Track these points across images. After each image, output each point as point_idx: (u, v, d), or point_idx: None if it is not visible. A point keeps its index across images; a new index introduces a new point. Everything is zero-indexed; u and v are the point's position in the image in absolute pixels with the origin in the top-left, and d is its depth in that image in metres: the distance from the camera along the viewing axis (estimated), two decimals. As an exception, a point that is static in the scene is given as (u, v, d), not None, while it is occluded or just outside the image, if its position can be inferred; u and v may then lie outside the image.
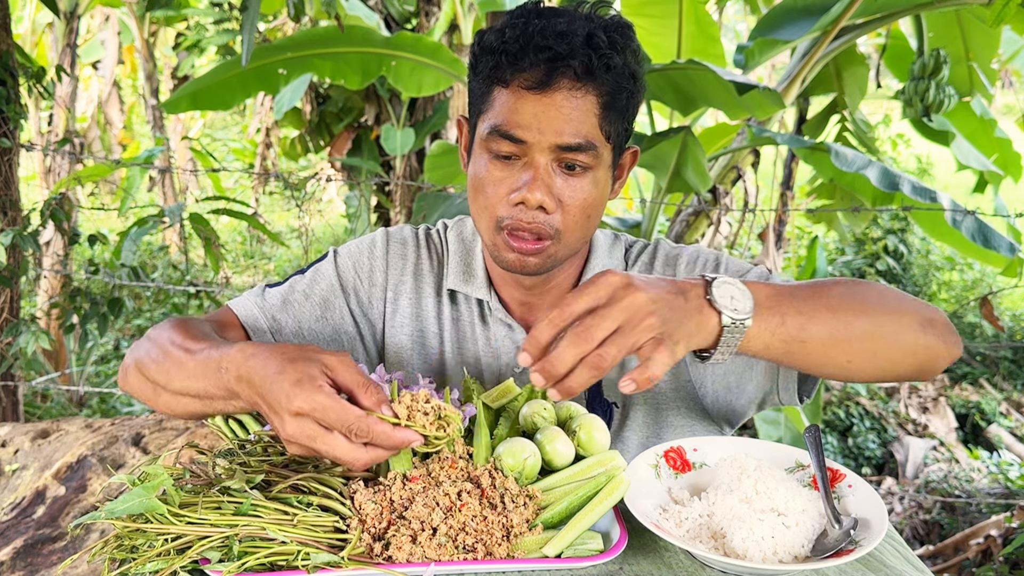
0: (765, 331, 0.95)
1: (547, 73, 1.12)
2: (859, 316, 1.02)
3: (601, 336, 0.85)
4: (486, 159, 1.19)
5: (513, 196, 1.16)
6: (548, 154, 1.15)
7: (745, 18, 11.77)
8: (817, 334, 0.98)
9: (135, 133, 10.69)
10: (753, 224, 6.29)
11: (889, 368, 1.05)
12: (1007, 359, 6.79)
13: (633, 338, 0.86)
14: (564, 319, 0.87)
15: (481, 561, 0.91)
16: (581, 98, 1.14)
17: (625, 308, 0.86)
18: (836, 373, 1.04)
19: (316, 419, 0.89)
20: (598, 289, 0.88)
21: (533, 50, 1.12)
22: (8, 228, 3.09)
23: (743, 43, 4.29)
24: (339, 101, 6.54)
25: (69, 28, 5.97)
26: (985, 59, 4.25)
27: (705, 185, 3.64)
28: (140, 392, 1.17)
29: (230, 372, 0.98)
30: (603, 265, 1.33)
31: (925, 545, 4.04)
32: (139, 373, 1.15)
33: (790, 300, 0.98)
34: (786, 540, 0.95)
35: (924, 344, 1.05)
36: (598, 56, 1.12)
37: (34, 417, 4.79)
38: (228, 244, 9.64)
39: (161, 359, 1.11)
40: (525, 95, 1.14)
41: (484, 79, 1.18)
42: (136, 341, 1.23)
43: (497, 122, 1.16)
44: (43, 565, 2.08)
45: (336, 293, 1.35)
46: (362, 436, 0.89)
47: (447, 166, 4.32)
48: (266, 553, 0.88)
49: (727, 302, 0.93)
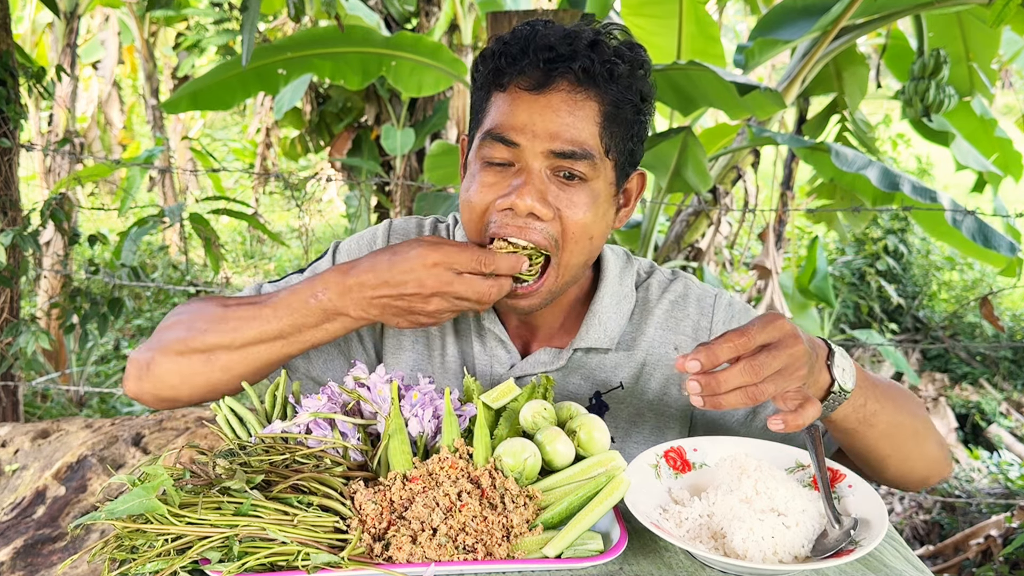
0: (851, 406, 1.08)
1: (545, 73, 1.10)
2: (911, 420, 1.16)
3: (767, 374, 0.94)
4: (478, 168, 1.15)
5: (500, 202, 1.12)
6: (542, 160, 1.11)
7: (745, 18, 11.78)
8: (882, 424, 1.12)
9: (135, 133, 10.69)
10: (753, 224, 6.29)
11: (908, 471, 1.20)
12: (1007, 359, 6.79)
13: (788, 383, 0.96)
14: (746, 348, 0.94)
15: (481, 561, 0.91)
16: (580, 103, 1.10)
17: (791, 355, 0.95)
18: (871, 459, 1.17)
19: (448, 265, 1.07)
20: (774, 331, 0.96)
21: (534, 50, 1.10)
22: (8, 228, 3.09)
23: (743, 43, 4.30)
24: (339, 101, 6.54)
25: (69, 28, 5.97)
26: (985, 59, 4.25)
27: (705, 185, 3.65)
28: (175, 374, 1.19)
29: (330, 291, 1.12)
30: (613, 295, 1.28)
31: (925, 545, 4.04)
32: (174, 356, 1.19)
33: (873, 388, 1.11)
34: (786, 540, 0.95)
35: (938, 457, 1.22)
36: (601, 61, 1.10)
37: (34, 417, 4.79)
38: (228, 244, 9.64)
39: (217, 323, 1.17)
40: (521, 96, 1.11)
41: (483, 87, 1.16)
42: (144, 343, 1.25)
43: (492, 125, 1.13)
44: (43, 565, 2.08)
45: None
46: (489, 266, 1.08)
47: (447, 166, 4.32)
48: (266, 553, 0.88)
49: (840, 373, 1.04)
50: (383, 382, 1.09)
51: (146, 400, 1.24)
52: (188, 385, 1.18)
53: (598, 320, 1.27)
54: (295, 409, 1.11)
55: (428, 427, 1.06)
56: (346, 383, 1.12)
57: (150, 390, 1.22)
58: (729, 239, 4.52)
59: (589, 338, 1.27)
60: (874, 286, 7.36)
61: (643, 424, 1.29)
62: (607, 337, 1.27)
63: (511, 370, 1.28)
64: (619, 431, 1.29)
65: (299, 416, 1.06)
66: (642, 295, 1.32)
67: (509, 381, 1.11)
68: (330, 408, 1.08)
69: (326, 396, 1.09)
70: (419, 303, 1.10)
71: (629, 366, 1.29)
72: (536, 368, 1.28)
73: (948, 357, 6.94)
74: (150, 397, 1.23)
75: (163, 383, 1.21)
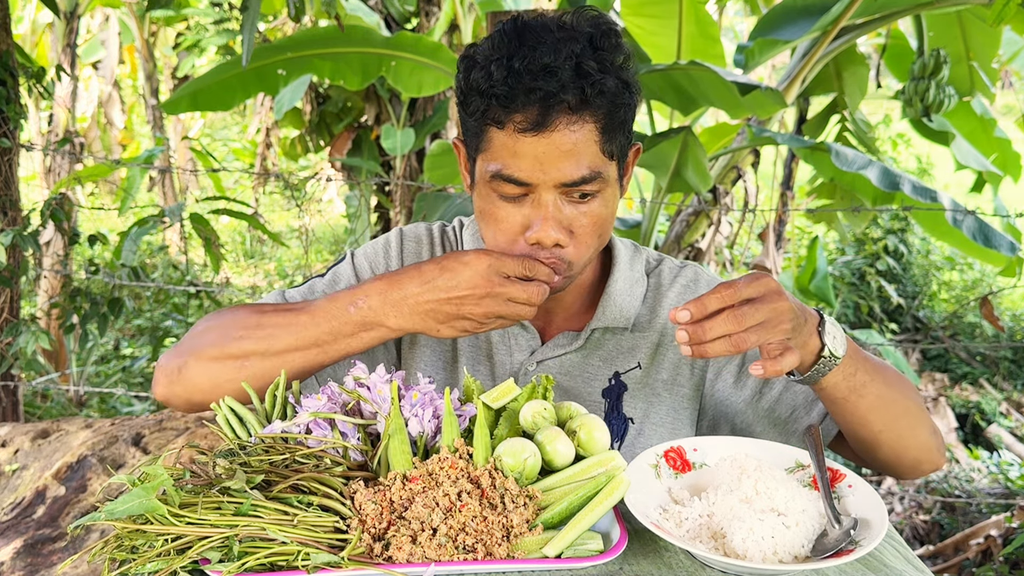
0: (841, 374, 1.12)
1: (541, 113, 1.09)
2: (902, 398, 1.20)
3: (749, 324, 1.00)
4: (494, 197, 1.18)
5: (529, 235, 1.16)
6: (554, 191, 1.14)
7: (745, 18, 11.78)
8: (872, 395, 1.16)
9: (135, 133, 10.69)
10: (753, 224, 6.29)
11: (901, 451, 1.23)
12: (1007, 359, 6.79)
13: (770, 335, 1.02)
14: (732, 299, 1.00)
15: (481, 561, 0.91)
16: (579, 130, 1.11)
17: (773, 309, 1.01)
18: (864, 434, 1.20)
19: (498, 269, 1.12)
20: (759, 286, 1.02)
21: (523, 92, 1.08)
22: (8, 228, 3.09)
23: (743, 43, 4.29)
24: (339, 101, 6.53)
25: (69, 28, 5.97)
26: (986, 59, 4.24)
27: (705, 185, 3.64)
28: (207, 379, 1.19)
29: (371, 298, 1.15)
30: (626, 279, 1.33)
31: (925, 545, 4.04)
32: (207, 361, 1.19)
33: (863, 360, 1.15)
34: (786, 540, 0.95)
35: (931, 444, 1.24)
36: (590, 84, 1.09)
37: (34, 417, 4.79)
38: (228, 244, 9.64)
39: (252, 329, 1.19)
40: (522, 138, 1.11)
41: (477, 119, 1.15)
42: (173, 348, 1.25)
43: (498, 167, 1.14)
44: (43, 565, 2.08)
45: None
46: (533, 271, 1.13)
47: (447, 166, 4.32)
48: (266, 553, 0.88)
49: (830, 339, 1.09)
50: (383, 382, 1.09)
51: (176, 404, 1.24)
52: (220, 391, 1.17)
53: (613, 301, 1.32)
54: (295, 409, 1.11)
55: (428, 427, 1.06)
56: (346, 383, 1.12)
57: (181, 394, 1.22)
58: (729, 239, 4.52)
59: (606, 318, 1.31)
60: (874, 286, 7.36)
61: (660, 404, 1.33)
62: (623, 317, 1.32)
63: (531, 356, 1.32)
64: (637, 411, 1.33)
65: (299, 416, 1.06)
66: (654, 280, 1.37)
67: (509, 381, 1.11)
68: (330, 408, 1.08)
69: (326, 396, 1.09)
70: (470, 306, 1.12)
71: (645, 347, 1.33)
72: (556, 351, 1.32)
73: (948, 357, 6.94)
74: (181, 401, 1.24)
75: (195, 388, 1.21)
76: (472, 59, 1.15)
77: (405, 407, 1.06)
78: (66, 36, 6.00)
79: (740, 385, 1.32)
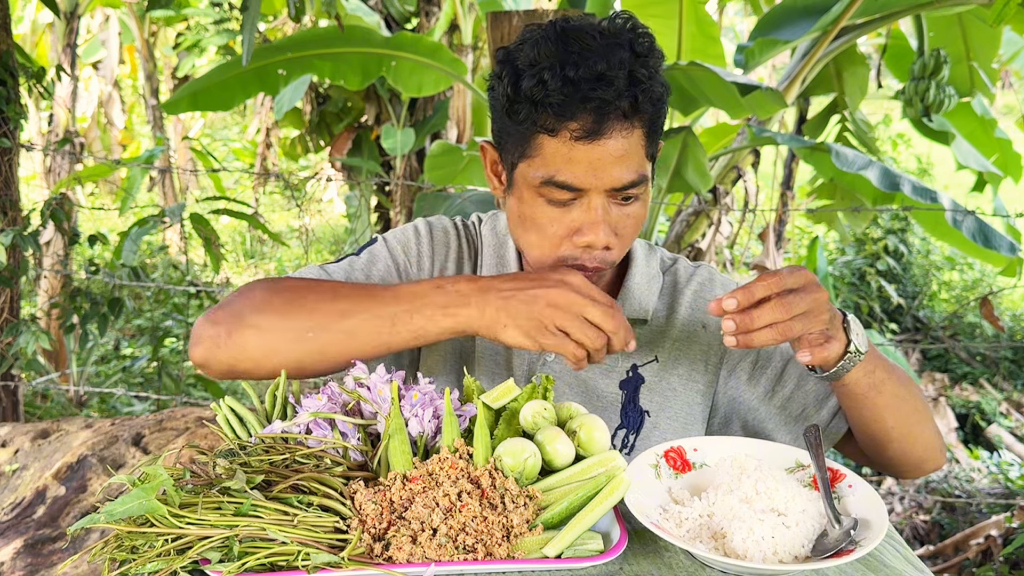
0: (862, 370, 1.15)
1: (596, 121, 1.11)
2: (912, 397, 1.23)
3: (795, 312, 1.03)
4: (541, 202, 1.18)
5: (577, 239, 1.17)
6: (604, 196, 1.16)
7: (745, 18, 11.78)
8: (888, 392, 1.19)
9: (135, 133, 10.69)
10: (753, 224, 6.30)
11: (909, 449, 1.25)
12: (1007, 359, 6.79)
13: (813, 324, 1.06)
14: (777, 288, 1.04)
15: (481, 562, 0.91)
16: (630, 136, 1.13)
17: (815, 299, 1.05)
18: (876, 431, 1.23)
19: (588, 291, 1.10)
20: (801, 277, 1.05)
21: (580, 100, 1.10)
22: (8, 228, 3.09)
23: (743, 43, 4.29)
24: (339, 101, 6.54)
25: (69, 28, 5.97)
26: (986, 59, 4.25)
27: (706, 185, 3.65)
28: (261, 348, 1.13)
29: (459, 284, 1.13)
30: (643, 274, 1.36)
31: (925, 545, 4.04)
32: (265, 330, 1.13)
33: (880, 358, 1.19)
34: (786, 540, 0.95)
35: (935, 443, 1.28)
36: (642, 91, 1.11)
37: (34, 417, 4.79)
38: (228, 244, 9.64)
39: (327, 299, 1.14)
40: (577, 146, 1.12)
41: (526, 126, 1.15)
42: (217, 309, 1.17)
43: (550, 173, 1.14)
44: (43, 565, 2.08)
45: (392, 275, 1.34)
46: (612, 320, 1.09)
47: (447, 166, 4.32)
48: (266, 553, 0.88)
49: (855, 336, 1.12)
50: (383, 382, 1.09)
51: (215, 370, 1.17)
52: (272, 362, 1.13)
53: (633, 294, 1.34)
54: (295, 409, 1.11)
55: (428, 427, 1.06)
56: (346, 383, 1.12)
57: (225, 360, 1.15)
58: (729, 239, 4.52)
59: (627, 310, 1.33)
60: (874, 286, 7.36)
61: (675, 398, 1.34)
62: (643, 309, 1.34)
63: None
64: (654, 404, 1.34)
65: (299, 416, 1.06)
66: (670, 278, 1.39)
67: (509, 381, 1.11)
68: (330, 408, 1.08)
69: (326, 396, 1.09)
70: (549, 308, 1.10)
71: (662, 342, 1.35)
72: None
73: (948, 357, 6.94)
74: (223, 368, 1.16)
75: (244, 355, 1.14)
76: (515, 67, 1.14)
77: (405, 407, 1.06)
78: (66, 36, 6.00)
79: (754, 382, 1.33)
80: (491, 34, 2.84)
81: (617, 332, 1.10)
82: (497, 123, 1.22)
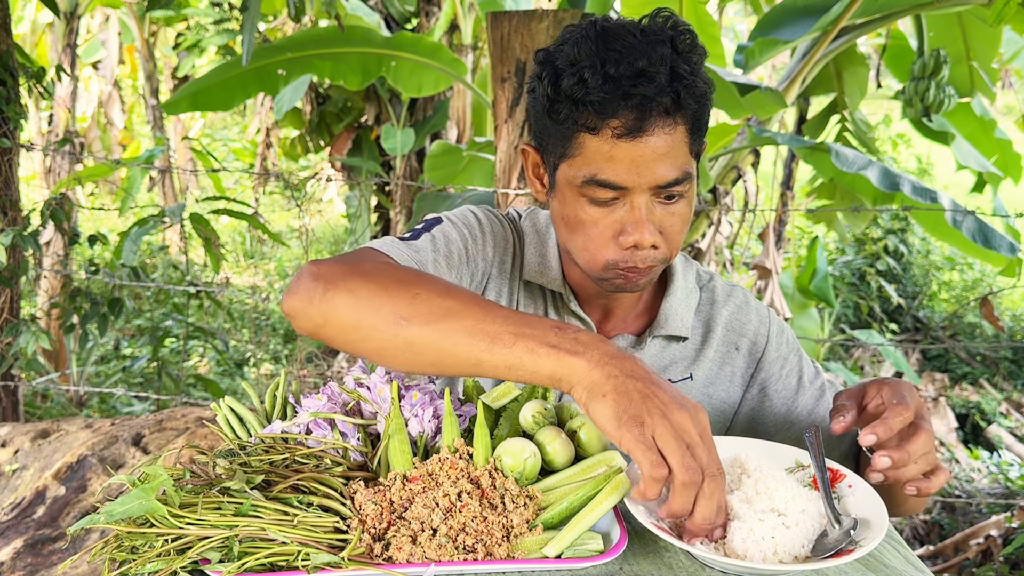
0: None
1: (638, 118, 1.09)
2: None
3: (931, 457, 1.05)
4: (584, 202, 1.17)
5: (623, 239, 1.16)
6: (648, 194, 1.14)
7: (745, 18, 11.77)
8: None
9: (135, 133, 10.69)
10: (753, 224, 6.30)
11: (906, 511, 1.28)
12: (1007, 359, 6.79)
13: (927, 467, 1.05)
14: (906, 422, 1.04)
15: (481, 562, 0.91)
16: (673, 132, 1.12)
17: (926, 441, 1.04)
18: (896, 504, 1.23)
19: (702, 428, 0.91)
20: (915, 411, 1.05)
21: (621, 97, 1.08)
22: (8, 228, 3.09)
23: (743, 43, 4.30)
24: (339, 101, 6.54)
25: (69, 28, 5.97)
26: (986, 59, 4.25)
27: (706, 185, 3.65)
28: (353, 321, 1.02)
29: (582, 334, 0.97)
30: (683, 289, 1.34)
31: (925, 545, 4.04)
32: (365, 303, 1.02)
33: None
34: (786, 540, 0.95)
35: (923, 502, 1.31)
36: (684, 87, 1.10)
37: (34, 417, 4.79)
38: (228, 244, 9.64)
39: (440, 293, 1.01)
40: (619, 143, 1.11)
41: (567, 126, 1.14)
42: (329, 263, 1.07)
43: (592, 172, 1.14)
44: (43, 565, 2.08)
45: (463, 257, 1.29)
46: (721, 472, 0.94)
47: (447, 166, 4.32)
48: (266, 553, 0.88)
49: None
50: (383, 382, 1.09)
51: (302, 325, 1.07)
52: (354, 337, 1.03)
53: (674, 309, 1.33)
54: (295, 409, 1.11)
55: (428, 427, 1.06)
56: (346, 383, 1.12)
57: (315, 318, 1.04)
58: (729, 239, 4.52)
59: (668, 326, 1.32)
60: (874, 286, 7.36)
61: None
62: (683, 326, 1.33)
63: None
64: None
65: (299, 416, 1.06)
66: (707, 295, 1.38)
67: (509, 381, 1.11)
68: (330, 408, 1.08)
69: (326, 396, 1.09)
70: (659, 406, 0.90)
71: (699, 361, 1.35)
72: None
73: (948, 357, 6.94)
74: (310, 325, 1.05)
75: (333, 318, 1.03)
76: (555, 67, 1.13)
77: (405, 407, 1.06)
78: (66, 36, 6.00)
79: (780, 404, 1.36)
80: (491, 34, 2.84)
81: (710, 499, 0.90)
82: (538, 125, 1.20)
